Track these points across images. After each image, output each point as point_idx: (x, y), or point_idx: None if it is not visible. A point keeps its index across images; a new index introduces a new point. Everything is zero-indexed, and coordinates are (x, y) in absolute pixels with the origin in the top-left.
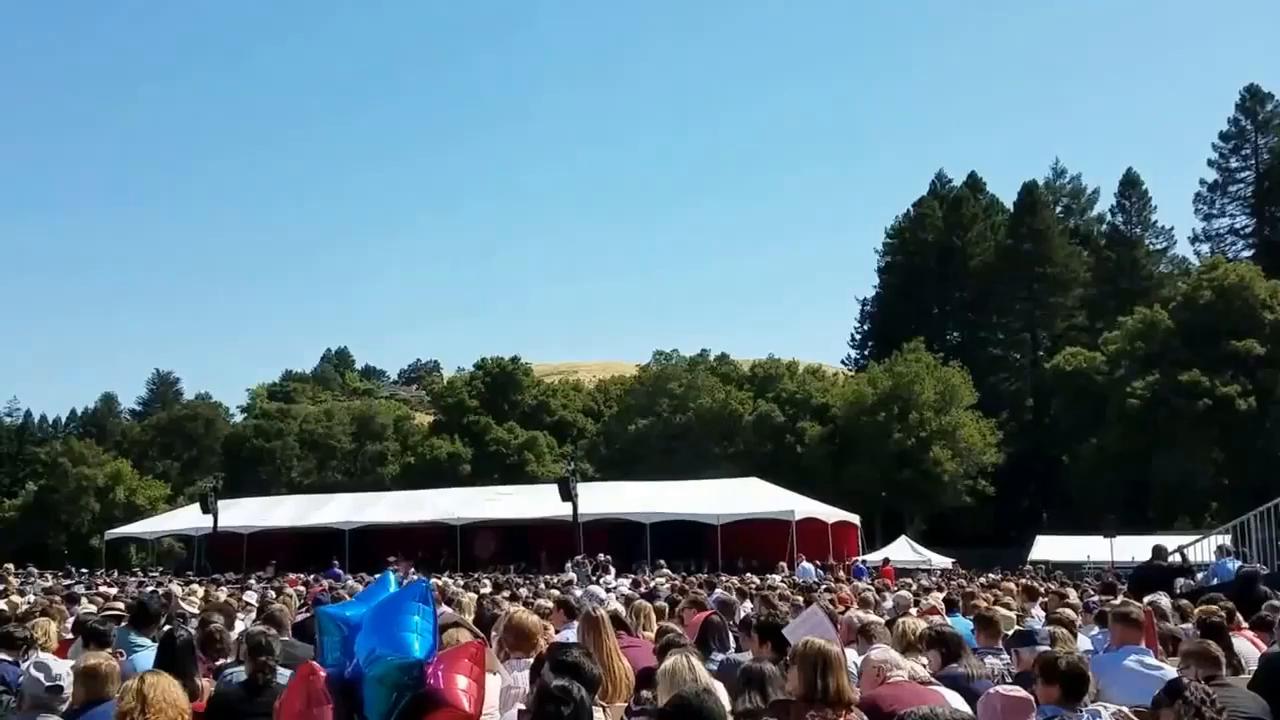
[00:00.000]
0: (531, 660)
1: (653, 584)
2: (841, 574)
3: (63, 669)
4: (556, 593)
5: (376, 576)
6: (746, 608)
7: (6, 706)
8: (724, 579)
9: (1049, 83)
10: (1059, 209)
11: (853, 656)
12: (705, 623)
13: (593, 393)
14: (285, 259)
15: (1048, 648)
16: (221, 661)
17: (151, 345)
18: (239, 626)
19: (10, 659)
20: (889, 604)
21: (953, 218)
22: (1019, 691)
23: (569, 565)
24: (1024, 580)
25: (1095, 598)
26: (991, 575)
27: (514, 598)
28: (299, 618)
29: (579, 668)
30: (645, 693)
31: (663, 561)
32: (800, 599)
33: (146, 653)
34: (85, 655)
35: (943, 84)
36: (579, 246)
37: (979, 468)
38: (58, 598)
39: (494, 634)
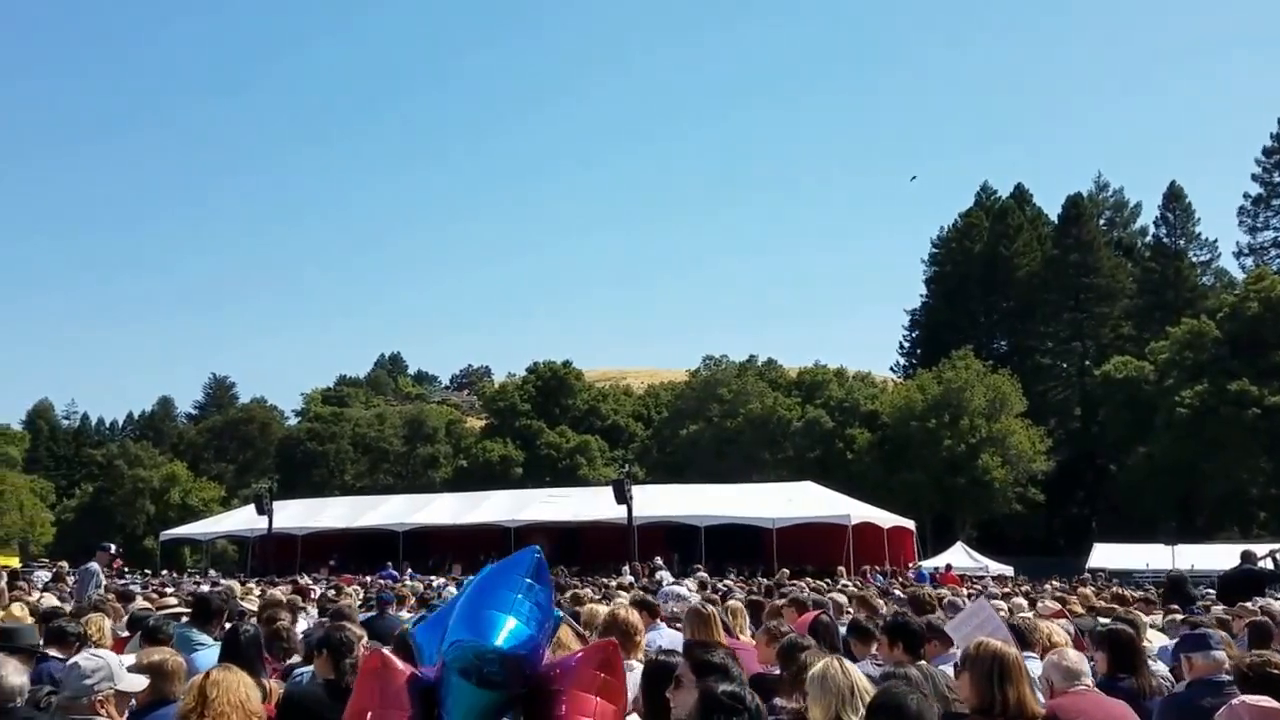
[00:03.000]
0: (634, 661)
1: (723, 586)
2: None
3: (111, 662)
4: (624, 594)
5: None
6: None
7: (54, 707)
8: (794, 583)
9: (1091, 96)
10: (1102, 221)
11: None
12: (815, 623)
13: (643, 397)
14: (340, 265)
15: (1223, 653)
16: (291, 661)
17: (208, 350)
18: (300, 625)
19: (62, 657)
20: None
21: (999, 228)
22: (1268, 701)
23: (625, 568)
24: (1117, 589)
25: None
26: (1055, 582)
27: (578, 599)
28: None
29: (728, 670)
30: (779, 700)
31: (731, 568)
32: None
33: (208, 651)
34: (148, 651)
35: (986, 97)
36: (627, 254)
37: (1029, 475)
38: (112, 595)
39: (587, 633)
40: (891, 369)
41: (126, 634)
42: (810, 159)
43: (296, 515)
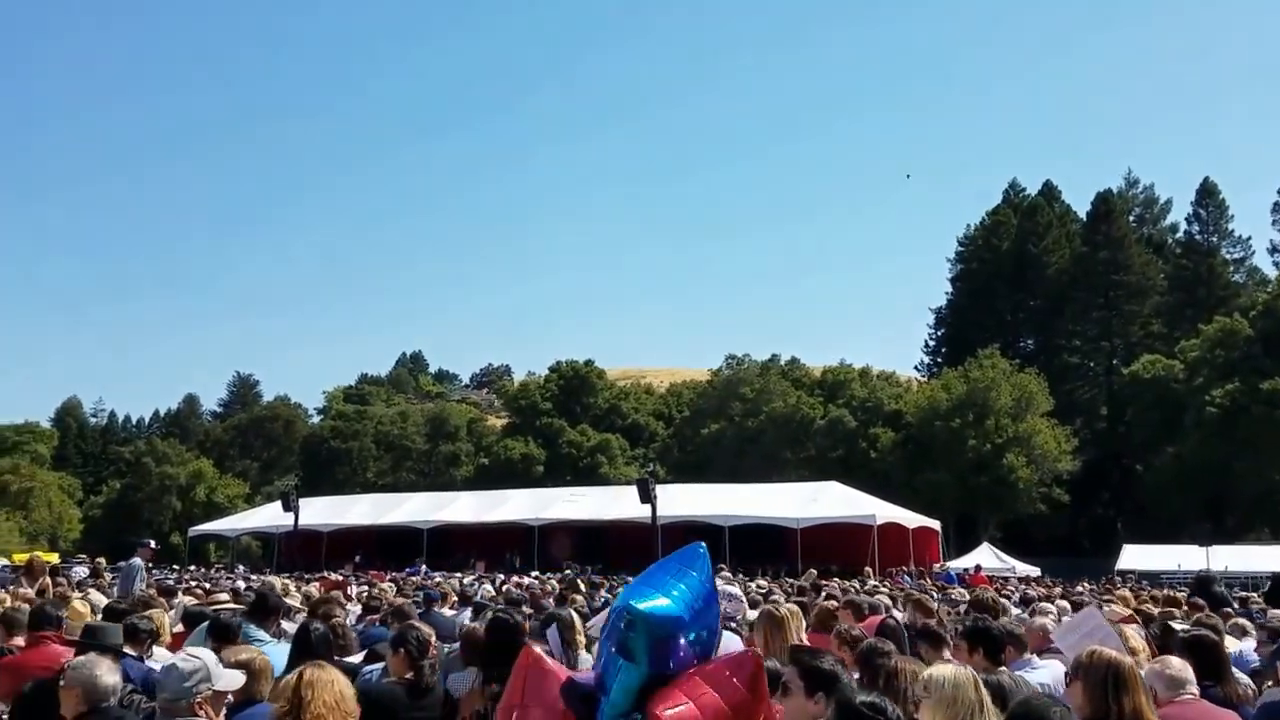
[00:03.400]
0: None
1: (764, 588)
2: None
3: (208, 662)
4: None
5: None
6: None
7: (137, 707)
8: (826, 583)
9: (1120, 94)
10: (1131, 218)
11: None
12: (882, 626)
13: (664, 396)
14: (362, 266)
15: None
16: (349, 659)
17: (232, 349)
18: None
19: (134, 654)
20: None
21: (1028, 225)
22: None
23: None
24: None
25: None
26: (1087, 584)
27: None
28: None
29: (836, 678)
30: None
31: (767, 570)
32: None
33: (272, 647)
34: (234, 649)
35: (1012, 96)
36: (649, 254)
37: (1054, 475)
38: (154, 591)
39: (590, 632)
40: (916, 368)
41: (180, 629)
42: (834, 157)
43: (321, 512)
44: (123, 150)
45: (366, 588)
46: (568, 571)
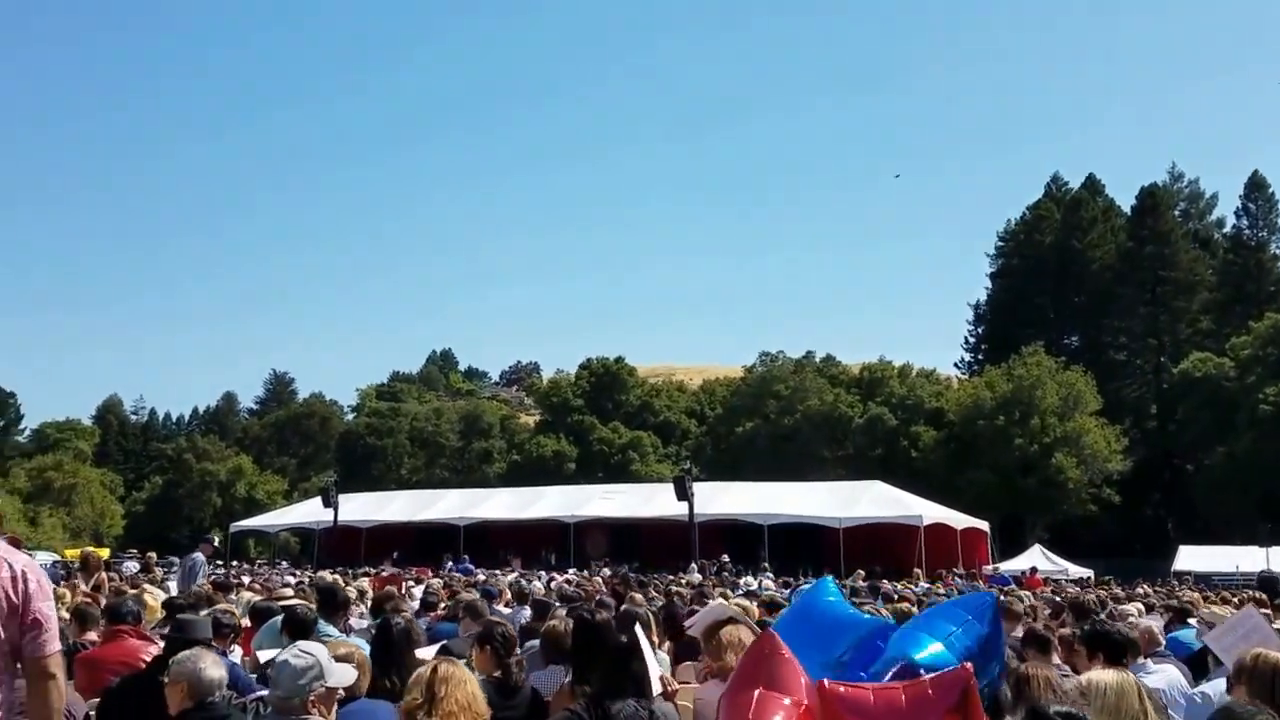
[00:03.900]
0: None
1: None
2: (980, 583)
3: (321, 658)
4: (742, 594)
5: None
6: None
7: (229, 701)
8: (885, 584)
9: (1162, 86)
10: (1176, 212)
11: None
12: None
13: (696, 394)
14: (392, 263)
15: None
16: (421, 653)
17: (268, 347)
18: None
19: (219, 649)
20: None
21: (1071, 220)
22: None
23: (693, 566)
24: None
25: None
26: (1146, 587)
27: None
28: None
29: (1026, 681)
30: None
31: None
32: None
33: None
34: (334, 645)
35: (1054, 87)
36: (675, 252)
37: (1103, 475)
38: (209, 585)
39: (690, 632)
40: (956, 365)
41: (248, 624)
42: (869, 151)
43: (360, 509)
44: (161, 148)
45: (416, 583)
46: (623, 569)
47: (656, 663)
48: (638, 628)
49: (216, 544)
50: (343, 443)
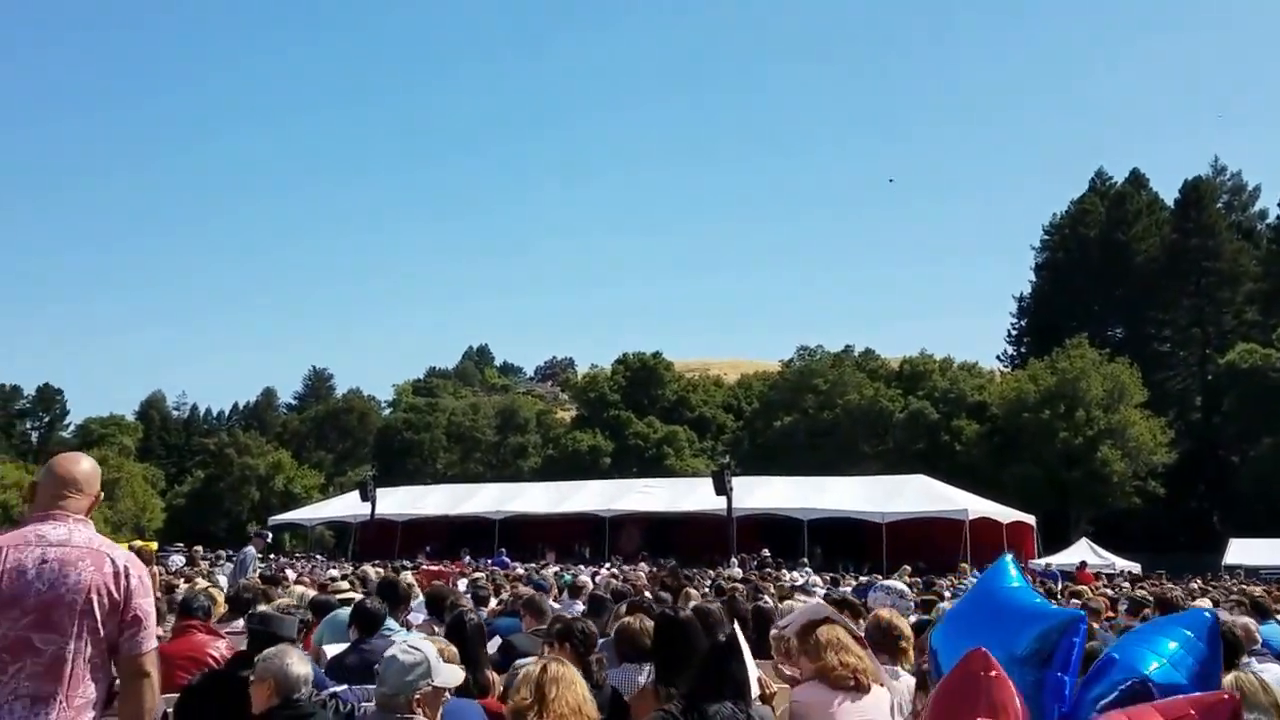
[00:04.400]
0: (901, 670)
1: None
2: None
3: (429, 655)
4: (803, 591)
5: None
6: None
7: (309, 699)
8: (948, 579)
9: (1206, 82)
10: (1220, 205)
11: None
12: None
13: (733, 388)
14: (429, 260)
15: None
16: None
17: (308, 344)
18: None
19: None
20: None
21: (1116, 213)
22: None
23: (734, 560)
24: None
25: None
26: (1199, 582)
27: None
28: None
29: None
30: None
31: (849, 566)
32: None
33: (404, 636)
34: (436, 640)
35: (1098, 83)
36: (710, 243)
37: (1148, 468)
38: (257, 579)
39: (784, 632)
40: (998, 358)
41: (312, 618)
42: (909, 146)
43: (397, 503)
44: (207, 147)
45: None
46: (670, 562)
47: (754, 664)
48: (737, 626)
49: (269, 538)
50: (380, 438)
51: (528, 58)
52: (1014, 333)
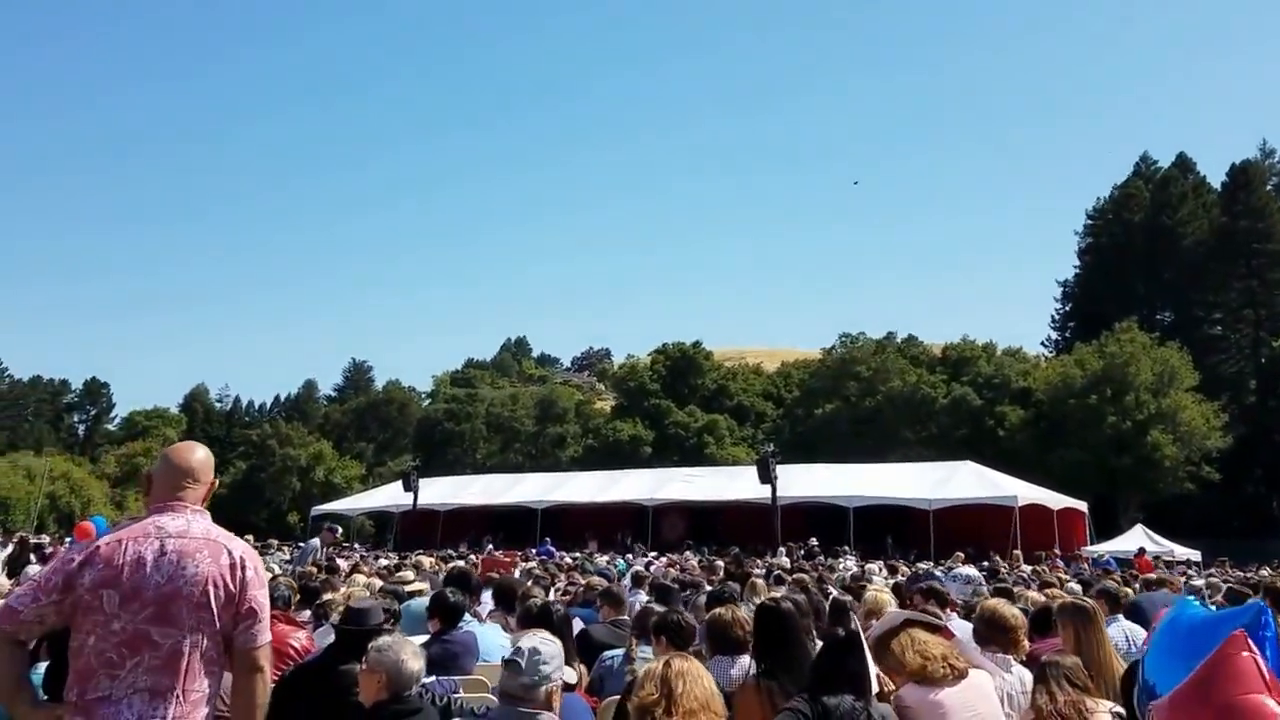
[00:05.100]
0: (1013, 659)
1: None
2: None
3: (550, 651)
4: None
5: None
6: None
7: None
8: (1010, 565)
9: (1252, 64)
10: (1269, 188)
11: None
12: None
13: (772, 377)
14: (468, 253)
15: None
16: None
17: (346, 335)
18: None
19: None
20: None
21: (1161, 197)
22: None
23: (781, 550)
24: None
25: None
26: (1269, 570)
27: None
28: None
29: None
30: None
31: (895, 554)
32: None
33: (476, 626)
34: (532, 633)
35: (1141, 67)
36: (748, 236)
37: (1201, 453)
38: (313, 569)
39: (870, 621)
40: (1043, 344)
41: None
42: (952, 130)
43: (439, 493)
44: (245, 147)
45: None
46: (733, 549)
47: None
48: (857, 621)
49: (339, 533)
50: (420, 428)
51: (561, 26)
52: (1058, 318)
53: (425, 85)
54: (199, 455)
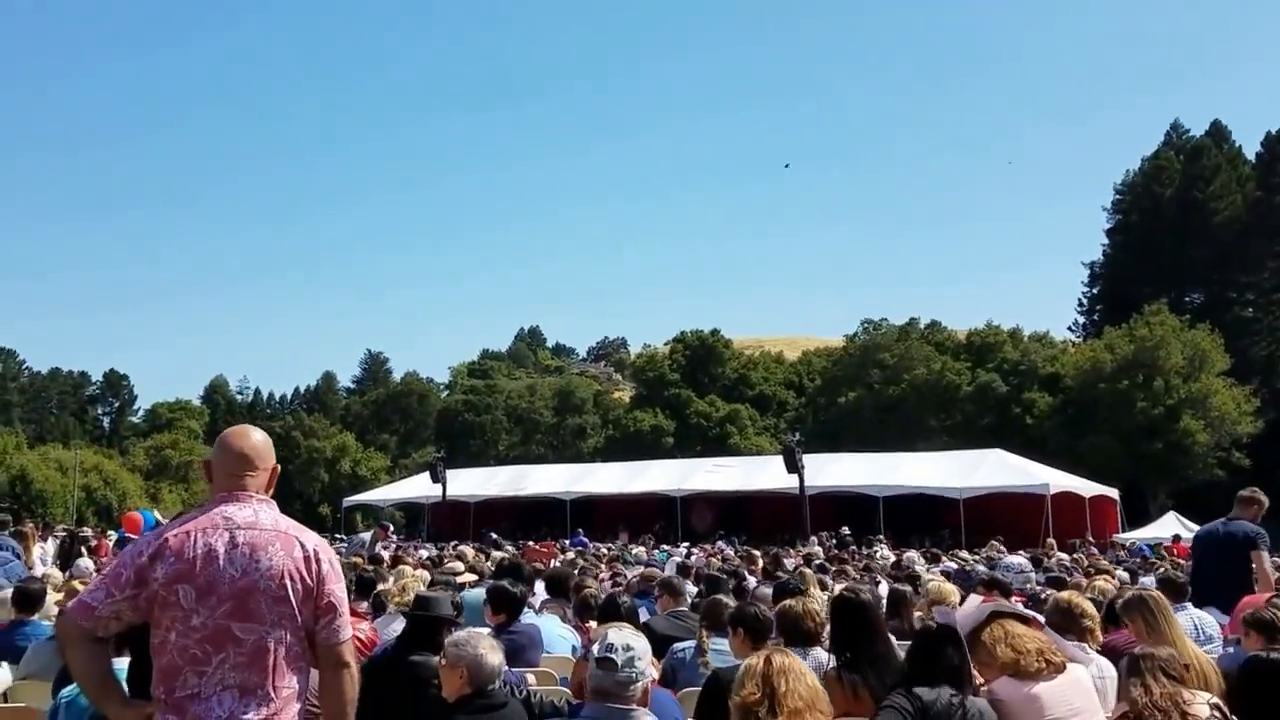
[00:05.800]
0: (1092, 651)
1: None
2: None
3: (641, 646)
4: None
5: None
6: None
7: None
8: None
9: None
10: None
11: None
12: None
13: (794, 365)
14: (483, 241)
15: None
16: None
17: (362, 328)
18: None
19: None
20: None
21: (1193, 169)
22: None
23: (813, 539)
24: None
25: None
26: None
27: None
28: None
29: None
30: None
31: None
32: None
33: (533, 618)
34: (617, 627)
35: (1172, 32)
36: (766, 225)
37: (1232, 438)
38: (359, 560)
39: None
40: (1070, 328)
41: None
42: (973, 110)
43: (467, 483)
44: (266, 141)
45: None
46: (774, 550)
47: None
48: (954, 612)
49: (390, 530)
50: (440, 420)
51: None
52: (1085, 301)
53: (440, 76)
54: (254, 439)
